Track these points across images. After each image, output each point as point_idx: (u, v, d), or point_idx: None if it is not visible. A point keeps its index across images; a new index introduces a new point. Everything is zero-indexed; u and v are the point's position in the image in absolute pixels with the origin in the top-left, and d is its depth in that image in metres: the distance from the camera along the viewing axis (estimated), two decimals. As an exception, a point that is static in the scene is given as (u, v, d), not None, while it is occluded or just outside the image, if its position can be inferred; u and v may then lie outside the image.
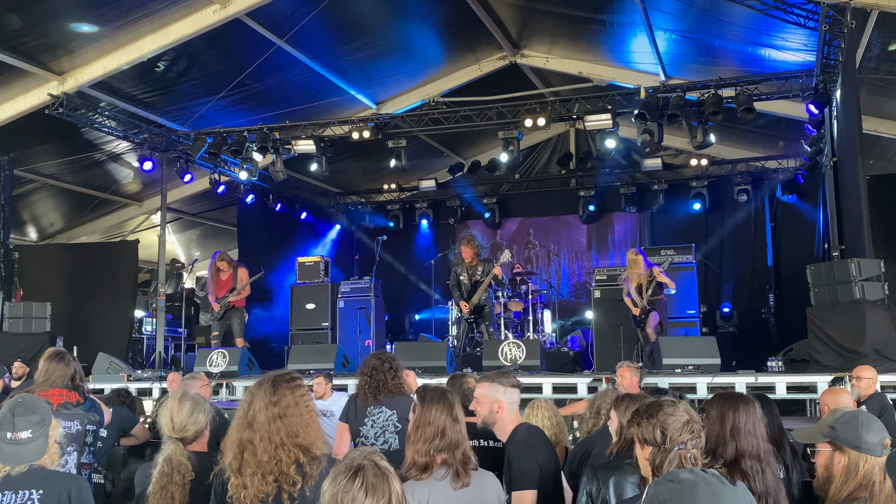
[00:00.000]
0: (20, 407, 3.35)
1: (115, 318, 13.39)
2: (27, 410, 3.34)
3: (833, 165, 10.77)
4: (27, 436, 3.29)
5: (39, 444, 3.34)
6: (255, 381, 3.41)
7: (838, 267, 8.80)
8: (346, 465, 2.34)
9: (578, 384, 9.03)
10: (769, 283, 14.96)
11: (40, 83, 11.15)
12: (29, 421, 3.31)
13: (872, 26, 9.45)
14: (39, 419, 3.35)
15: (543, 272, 16.27)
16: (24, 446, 3.29)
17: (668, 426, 2.84)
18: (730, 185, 15.22)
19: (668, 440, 2.82)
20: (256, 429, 3.21)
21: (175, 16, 10.26)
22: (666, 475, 1.75)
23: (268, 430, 3.20)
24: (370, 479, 2.29)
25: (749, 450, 3.45)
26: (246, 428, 3.24)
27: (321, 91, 13.04)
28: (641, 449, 2.90)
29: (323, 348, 11.49)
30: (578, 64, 13.29)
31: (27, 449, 3.30)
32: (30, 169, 13.42)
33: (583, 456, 4.45)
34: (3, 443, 3.28)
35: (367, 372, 5.18)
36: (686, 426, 2.85)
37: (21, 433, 3.28)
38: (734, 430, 3.50)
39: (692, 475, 1.73)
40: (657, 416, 2.88)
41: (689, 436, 2.84)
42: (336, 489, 2.29)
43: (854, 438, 3.01)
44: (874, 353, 7.98)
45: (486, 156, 16.69)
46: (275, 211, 15.92)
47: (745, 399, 3.65)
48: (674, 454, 2.81)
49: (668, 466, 2.80)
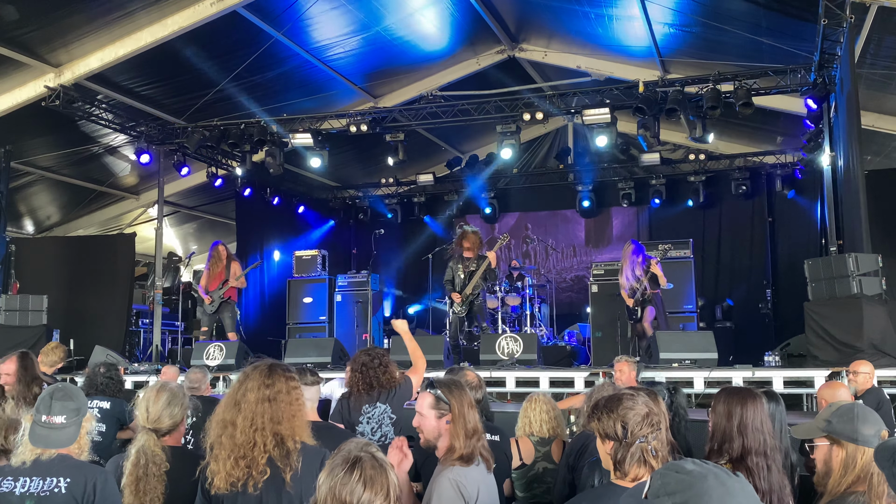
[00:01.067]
0: (59, 392, 3.38)
1: (111, 312, 13.34)
2: (66, 396, 3.37)
3: (831, 160, 10.78)
4: (61, 421, 3.31)
5: (71, 431, 3.35)
6: (251, 365, 3.39)
7: (836, 262, 8.80)
8: (343, 457, 2.31)
9: (575, 378, 9.04)
10: (767, 277, 14.96)
11: (37, 75, 11.11)
12: (66, 407, 3.33)
13: (872, 21, 9.44)
14: (76, 407, 3.37)
15: (541, 267, 16.27)
16: (56, 431, 3.30)
17: (628, 420, 2.82)
18: (728, 180, 15.21)
19: (629, 434, 2.81)
20: (242, 408, 3.18)
21: (172, 7, 10.23)
22: (670, 465, 1.71)
23: (253, 410, 3.16)
24: (368, 471, 2.27)
25: (756, 447, 3.42)
26: (232, 407, 3.21)
27: (319, 84, 13.02)
28: (602, 443, 2.89)
29: (320, 342, 11.47)
30: (577, 58, 13.27)
31: (58, 434, 3.31)
32: (26, 161, 13.38)
33: (580, 449, 4.45)
34: (37, 425, 3.31)
35: (357, 368, 5.16)
36: (646, 419, 2.84)
37: (56, 417, 3.30)
38: (741, 427, 3.46)
39: (698, 466, 1.70)
40: (617, 410, 2.86)
41: (649, 429, 2.82)
42: (333, 482, 2.26)
43: (851, 431, 3.01)
44: (871, 348, 7.98)
45: (485, 150, 16.66)
46: (272, 204, 15.88)
47: (752, 394, 3.61)
48: (635, 448, 2.80)
49: (630, 461, 2.80)
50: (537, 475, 5.04)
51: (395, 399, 5.10)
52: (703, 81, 11.04)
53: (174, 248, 18.18)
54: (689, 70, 12.20)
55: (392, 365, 5.25)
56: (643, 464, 2.80)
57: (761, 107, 11.76)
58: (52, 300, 11.56)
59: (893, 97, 11.54)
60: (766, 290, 14.72)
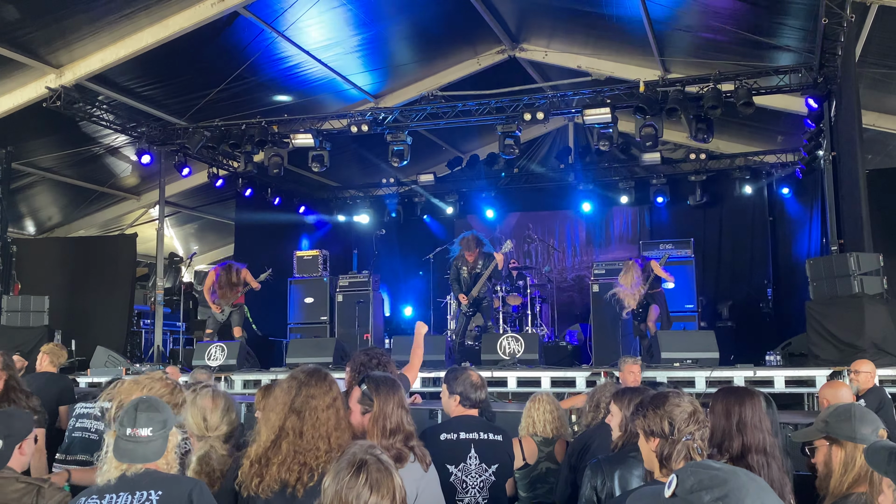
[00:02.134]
0: (145, 403, 3.16)
1: (113, 312, 13.36)
2: (151, 408, 3.15)
3: (832, 160, 10.77)
4: (147, 434, 3.09)
5: (158, 444, 3.14)
6: (299, 370, 3.34)
7: (837, 261, 8.80)
8: (349, 460, 2.30)
9: (577, 378, 9.05)
10: (768, 277, 14.96)
11: (38, 76, 11.11)
12: (152, 419, 3.11)
13: (872, 20, 9.44)
14: (162, 419, 3.15)
15: (543, 266, 16.27)
16: (142, 444, 3.09)
17: (675, 417, 2.84)
18: (729, 179, 15.22)
19: (676, 431, 2.82)
20: (307, 416, 3.15)
21: (173, 8, 10.23)
22: (696, 464, 1.71)
23: (319, 417, 3.16)
24: (374, 474, 2.27)
25: (756, 444, 3.42)
26: (291, 413, 3.18)
27: (319, 85, 13.02)
28: (647, 441, 2.89)
29: (321, 342, 11.48)
30: (577, 58, 13.26)
31: (145, 448, 3.10)
32: (28, 162, 13.39)
33: (582, 449, 4.45)
34: (121, 439, 3.10)
35: (355, 369, 5.15)
36: (692, 417, 2.86)
37: (142, 430, 3.09)
38: (740, 425, 3.47)
39: (724, 465, 1.71)
40: (663, 407, 2.88)
41: (695, 426, 2.85)
42: (340, 485, 2.26)
43: (849, 430, 3.03)
44: (873, 347, 7.98)
45: (485, 150, 16.66)
46: (273, 205, 15.89)
47: (750, 393, 3.62)
48: (681, 445, 2.81)
49: (676, 458, 2.80)
50: (540, 475, 5.04)
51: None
52: (704, 81, 11.04)
53: (175, 248, 18.19)
54: (690, 70, 12.19)
55: (391, 364, 5.25)
56: (689, 461, 2.80)
57: (762, 106, 11.76)
58: (53, 301, 11.56)
59: (894, 96, 11.53)
60: (767, 290, 14.72)
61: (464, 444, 4.28)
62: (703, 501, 1.61)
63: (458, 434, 4.31)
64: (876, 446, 2.47)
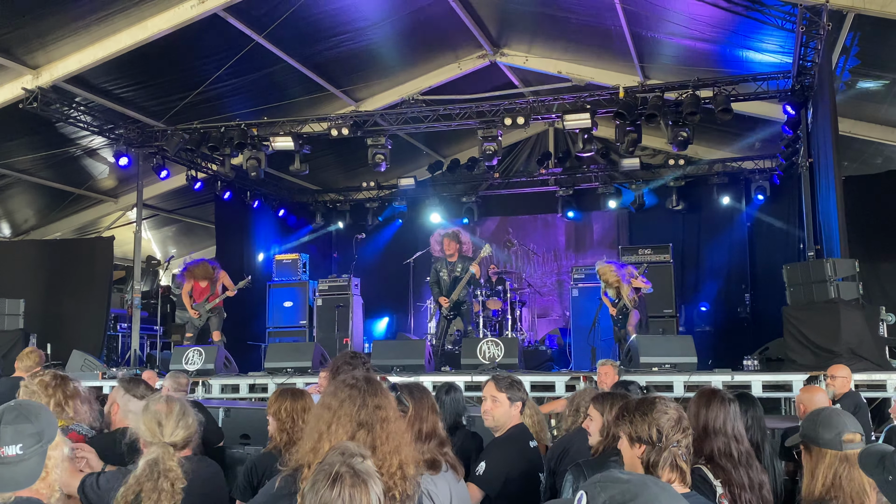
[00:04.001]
0: (11, 413, 2.46)
1: (89, 316, 13.23)
2: (19, 418, 2.45)
3: (809, 166, 10.89)
4: (15, 452, 2.40)
5: (31, 465, 2.44)
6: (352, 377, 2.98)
7: (814, 267, 8.89)
8: (326, 472, 2.29)
9: (556, 382, 9.06)
10: (745, 282, 15.06)
11: (14, 77, 11.00)
12: (20, 432, 2.42)
13: (848, 28, 9.54)
14: (34, 431, 2.45)
15: (523, 271, 16.30)
16: (8, 467, 2.39)
17: (662, 425, 2.83)
18: (707, 185, 15.31)
19: (664, 438, 2.81)
20: (379, 431, 2.82)
21: (152, 10, 10.16)
22: (601, 477, 1.65)
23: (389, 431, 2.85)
24: (347, 489, 2.25)
25: (722, 448, 3.45)
26: (356, 426, 2.82)
27: (300, 88, 12.97)
28: (631, 447, 2.88)
29: (300, 346, 11.42)
30: (558, 63, 13.32)
31: (13, 471, 2.40)
32: (3, 164, 13.23)
33: (561, 454, 4.45)
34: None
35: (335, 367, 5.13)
36: (678, 424, 2.86)
37: (7, 448, 2.39)
38: (706, 428, 3.52)
39: (630, 475, 1.67)
40: (651, 413, 2.87)
41: (681, 434, 2.85)
42: (316, 498, 2.24)
43: (814, 434, 3.06)
44: (849, 352, 8.06)
45: (466, 154, 16.68)
46: (252, 208, 15.82)
47: (719, 398, 3.64)
48: (668, 453, 2.81)
49: (662, 465, 2.80)
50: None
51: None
52: (683, 87, 11.12)
53: (153, 251, 18.04)
54: (669, 76, 12.28)
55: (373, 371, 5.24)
56: (675, 468, 2.82)
57: (740, 113, 11.86)
58: (28, 304, 11.45)
59: (870, 104, 11.67)
60: (744, 295, 14.83)
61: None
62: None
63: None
64: (870, 450, 2.48)
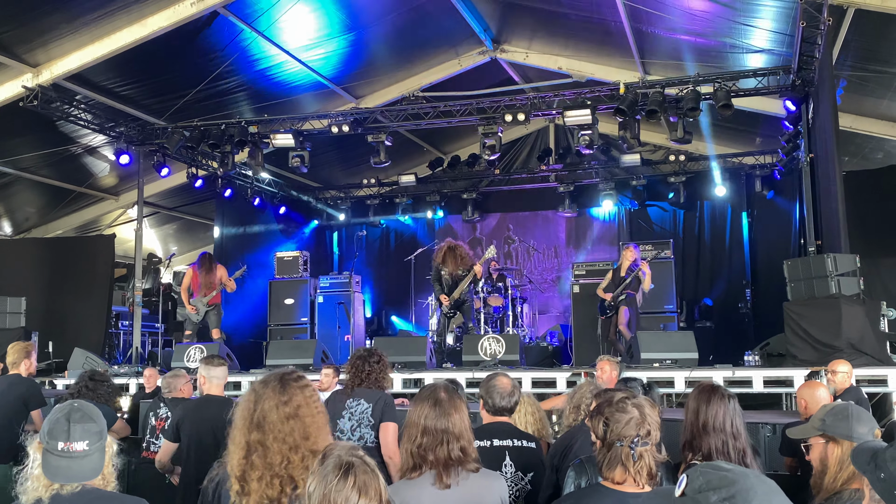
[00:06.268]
0: (78, 413, 2.69)
1: (91, 314, 13.24)
2: (85, 417, 2.68)
3: (810, 161, 10.89)
4: (83, 448, 2.65)
5: (95, 459, 2.70)
6: (259, 381, 3.16)
7: (814, 262, 8.88)
8: (335, 462, 2.26)
9: (557, 378, 9.08)
10: (746, 277, 15.07)
11: (14, 75, 10.98)
12: (87, 430, 2.67)
13: (849, 23, 9.53)
14: (98, 430, 2.71)
15: (523, 267, 16.31)
16: (77, 460, 2.64)
17: (611, 422, 2.85)
18: (708, 180, 15.32)
19: (609, 434, 2.83)
20: (268, 430, 2.97)
21: (152, 8, 10.14)
22: (707, 465, 1.76)
23: (281, 430, 2.97)
24: (361, 476, 2.23)
25: (718, 446, 3.49)
26: (255, 429, 2.99)
27: (300, 85, 12.97)
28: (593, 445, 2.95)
29: (302, 343, 11.45)
30: (558, 59, 13.31)
31: (81, 465, 2.65)
32: (4, 162, 13.22)
33: (564, 450, 4.45)
34: (51, 454, 2.64)
35: (352, 362, 5.22)
36: (630, 423, 2.84)
37: (76, 444, 2.63)
38: (704, 425, 3.55)
39: (735, 466, 1.76)
40: (605, 411, 2.90)
41: (633, 432, 2.82)
42: (327, 489, 2.21)
43: (846, 429, 3.11)
44: (849, 348, 8.06)
45: (466, 151, 16.68)
46: (253, 205, 15.82)
47: (719, 393, 3.67)
48: (614, 450, 2.81)
49: (608, 462, 2.81)
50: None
51: (379, 405, 5.07)
52: (684, 83, 11.11)
53: (154, 249, 18.05)
54: (670, 72, 12.26)
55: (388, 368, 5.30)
56: (622, 467, 2.81)
57: (741, 108, 11.85)
58: (30, 302, 11.45)
59: (870, 99, 11.66)
60: (745, 290, 14.84)
61: (498, 452, 4.14)
62: (710, 501, 1.66)
63: (491, 441, 4.17)
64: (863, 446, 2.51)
